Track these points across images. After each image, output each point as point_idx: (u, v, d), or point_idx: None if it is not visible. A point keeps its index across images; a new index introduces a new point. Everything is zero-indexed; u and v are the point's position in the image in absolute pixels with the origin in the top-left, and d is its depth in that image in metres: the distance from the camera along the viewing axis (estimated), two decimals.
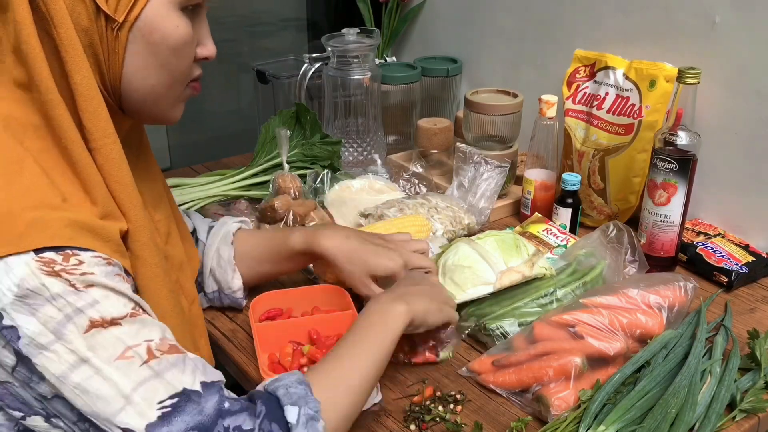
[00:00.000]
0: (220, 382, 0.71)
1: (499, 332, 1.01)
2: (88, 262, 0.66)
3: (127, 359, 0.65)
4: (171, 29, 0.73)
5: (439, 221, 1.30)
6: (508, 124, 1.42)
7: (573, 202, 1.31)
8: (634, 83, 1.29)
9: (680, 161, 1.13)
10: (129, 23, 0.71)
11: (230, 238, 1.07)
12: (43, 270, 0.63)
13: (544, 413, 0.90)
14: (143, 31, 0.72)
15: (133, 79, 0.74)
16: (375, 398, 0.94)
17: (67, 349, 0.63)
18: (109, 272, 0.67)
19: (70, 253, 0.65)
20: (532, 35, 1.58)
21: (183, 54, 0.76)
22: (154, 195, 0.89)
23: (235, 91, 2.07)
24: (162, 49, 0.74)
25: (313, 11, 2.17)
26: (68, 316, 0.63)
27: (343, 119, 1.59)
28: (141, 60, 0.74)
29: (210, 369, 0.72)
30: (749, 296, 1.18)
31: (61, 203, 0.67)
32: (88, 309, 0.64)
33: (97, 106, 0.71)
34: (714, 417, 0.89)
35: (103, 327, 0.64)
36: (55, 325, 0.63)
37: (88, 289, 0.65)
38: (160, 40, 0.73)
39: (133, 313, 0.67)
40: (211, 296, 1.09)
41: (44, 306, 0.63)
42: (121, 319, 0.66)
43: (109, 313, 0.65)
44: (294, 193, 1.30)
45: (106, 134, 0.72)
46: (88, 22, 0.70)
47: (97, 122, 0.71)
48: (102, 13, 0.70)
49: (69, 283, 0.63)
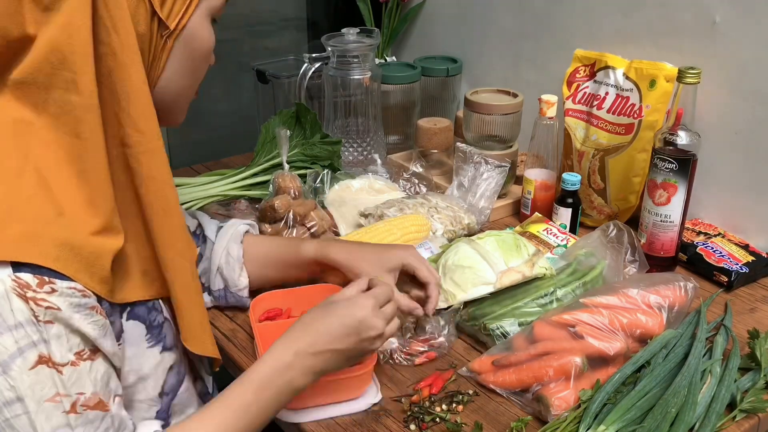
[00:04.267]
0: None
1: (499, 332, 1.01)
2: (60, 292, 0.65)
3: (54, 403, 0.65)
4: (207, 37, 0.78)
5: (439, 221, 1.30)
6: (508, 124, 1.42)
7: (573, 202, 1.31)
8: (634, 83, 1.29)
9: (680, 161, 1.13)
10: (178, 31, 0.75)
11: (240, 237, 1.08)
12: (15, 291, 0.63)
13: (544, 413, 0.90)
14: (187, 38, 0.76)
15: (169, 83, 0.77)
16: (375, 398, 0.94)
17: (9, 384, 0.63)
18: (82, 305, 0.67)
19: (47, 279, 0.64)
20: (532, 35, 1.58)
21: (209, 60, 0.81)
22: None
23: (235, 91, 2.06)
24: (197, 55, 0.78)
25: (313, 11, 2.17)
26: (21, 350, 0.63)
27: (343, 119, 1.59)
28: (179, 65, 0.77)
29: (123, 428, 0.72)
30: (749, 296, 1.18)
31: (55, 217, 0.67)
32: (40, 344, 0.64)
33: (149, 109, 0.73)
34: (714, 417, 0.88)
35: (47, 365, 0.65)
36: (5, 358, 0.63)
37: (46, 325, 0.64)
38: (198, 48, 0.78)
39: (74, 362, 0.67)
40: (217, 295, 1.09)
41: (4, 334, 0.63)
42: (62, 366, 0.66)
43: (55, 355, 0.65)
44: (294, 192, 1.30)
45: (158, 136, 0.74)
46: (145, 27, 0.72)
47: (152, 124, 0.73)
48: (156, 19, 0.72)
49: (33, 313, 0.63)
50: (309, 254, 1.05)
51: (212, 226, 1.09)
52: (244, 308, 1.10)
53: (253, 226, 1.14)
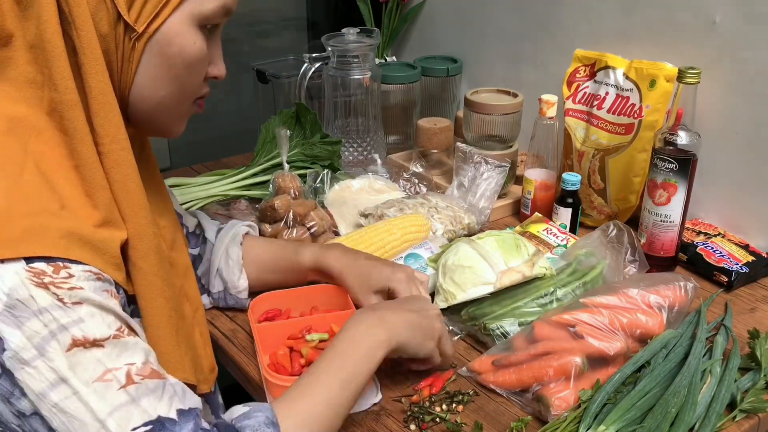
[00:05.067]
0: (197, 409, 0.70)
1: (499, 332, 1.01)
2: (78, 276, 0.64)
3: (105, 382, 0.64)
4: (188, 45, 0.74)
5: (439, 221, 1.30)
6: (508, 124, 1.42)
7: (573, 202, 1.31)
8: (635, 83, 1.29)
9: (680, 161, 1.13)
10: (148, 34, 0.71)
11: (239, 239, 1.08)
12: (33, 281, 0.62)
13: (544, 413, 0.90)
14: (161, 43, 0.72)
15: (143, 89, 0.74)
16: (375, 398, 0.94)
17: (49, 366, 0.62)
18: (98, 288, 0.66)
19: (61, 265, 0.64)
20: (532, 35, 1.58)
21: (196, 70, 0.77)
22: (159, 201, 0.88)
23: (235, 90, 2.07)
24: (177, 62, 0.74)
25: (313, 11, 2.17)
26: (53, 333, 0.62)
27: (343, 119, 1.59)
28: (154, 71, 0.74)
29: (189, 395, 0.71)
30: (749, 296, 1.18)
31: (59, 210, 0.66)
32: (72, 327, 0.63)
33: (109, 110, 0.70)
34: (714, 417, 0.88)
35: (84, 347, 0.63)
36: (39, 341, 0.62)
37: (74, 306, 0.63)
38: (176, 54, 0.73)
39: (116, 335, 0.66)
40: (216, 296, 1.09)
41: (30, 320, 0.62)
42: (104, 340, 0.65)
43: (92, 333, 0.64)
44: (294, 192, 1.30)
45: (116, 140, 0.71)
46: (108, 28, 0.69)
47: (109, 127, 0.70)
48: (122, 21, 0.70)
49: (57, 297, 0.62)
50: (306, 261, 1.06)
51: (212, 227, 1.09)
52: (243, 309, 1.10)
53: (253, 227, 1.14)
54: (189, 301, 0.89)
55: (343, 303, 1.04)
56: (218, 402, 0.92)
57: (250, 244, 1.09)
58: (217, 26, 0.78)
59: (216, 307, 1.11)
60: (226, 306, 1.10)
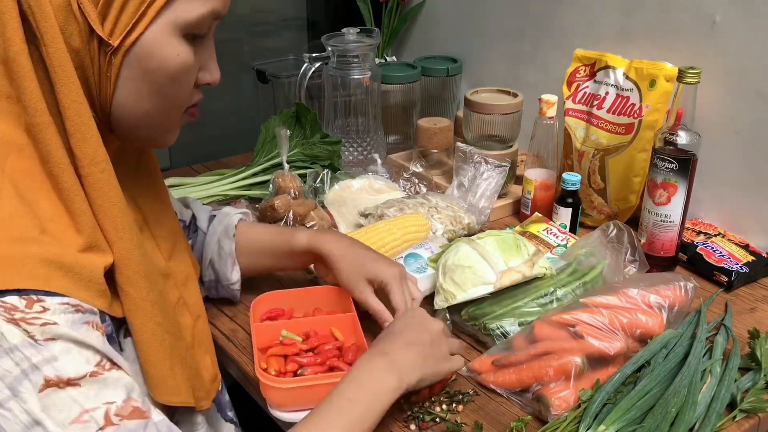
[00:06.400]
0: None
1: (499, 332, 1.01)
2: (53, 310, 0.60)
3: (82, 423, 0.60)
4: (170, 57, 0.68)
5: (439, 221, 1.30)
6: (508, 124, 1.42)
7: (573, 202, 1.31)
8: (634, 83, 1.29)
9: (680, 161, 1.13)
10: (124, 48, 0.66)
11: (232, 230, 1.07)
12: (3, 316, 0.58)
13: (544, 413, 0.90)
14: (139, 56, 0.67)
15: (125, 104, 0.70)
16: None
17: (22, 408, 0.58)
18: (76, 321, 0.62)
19: (35, 298, 0.60)
20: (532, 35, 1.58)
21: (181, 82, 0.71)
22: (157, 209, 0.85)
23: (235, 90, 2.07)
24: (158, 76, 0.69)
25: (313, 11, 2.17)
26: (24, 372, 0.58)
27: (343, 119, 1.59)
28: (134, 85, 0.69)
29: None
30: (749, 296, 1.18)
31: (39, 235, 0.62)
32: (44, 365, 0.59)
33: (86, 131, 0.66)
34: (714, 417, 0.88)
35: (59, 387, 0.59)
36: (11, 381, 0.58)
37: (47, 343, 0.59)
38: (156, 67, 0.68)
39: (94, 372, 0.62)
40: (208, 285, 1.09)
41: (2, 358, 0.58)
42: (80, 378, 0.61)
43: (66, 371, 0.60)
44: (294, 192, 1.30)
45: (94, 162, 0.66)
46: (80, 42, 0.65)
47: (86, 149, 0.66)
48: (95, 36, 0.65)
49: (28, 334, 0.59)
50: (302, 243, 1.05)
51: (204, 215, 1.07)
52: (235, 301, 1.12)
53: (247, 214, 1.13)
54: (189, 309, 0.85)
55: (345, 305, 1.04)
56: (225, 400, 0.91)
57: (244, 232, 1.08)
58: (207, 31, 0.73)
59: (216, 306, 1.12)
60: (218, 296, 1.11)
